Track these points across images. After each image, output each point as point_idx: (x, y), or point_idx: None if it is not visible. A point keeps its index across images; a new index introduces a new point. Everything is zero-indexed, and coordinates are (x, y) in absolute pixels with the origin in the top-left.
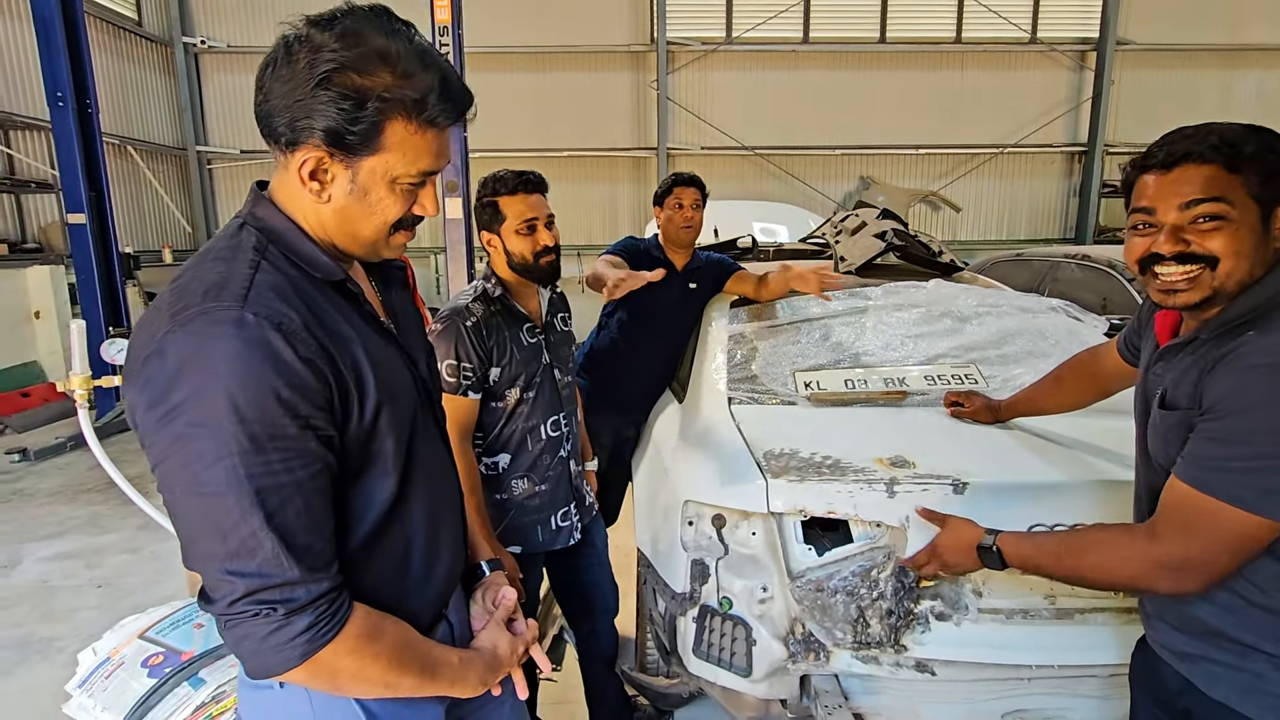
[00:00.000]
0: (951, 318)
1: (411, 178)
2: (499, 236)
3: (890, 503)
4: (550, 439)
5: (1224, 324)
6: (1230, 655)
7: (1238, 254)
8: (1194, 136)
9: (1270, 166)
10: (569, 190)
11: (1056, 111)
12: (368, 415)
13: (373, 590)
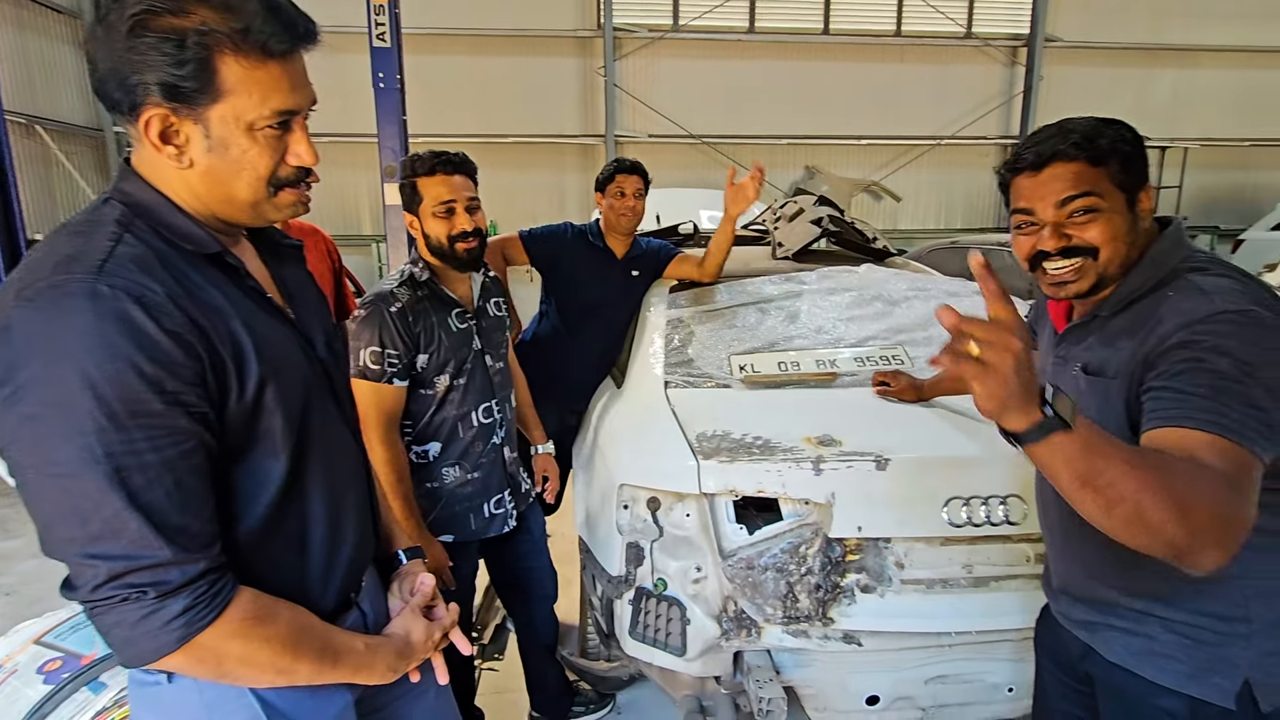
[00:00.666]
0: (882, 301)
1: (268, 119)
2: (418, 218)
3: (817, 480)
4: (482, 426)
5: (1122, 300)
6: (1126, 621)
7: (1114, 240)
8: (1057, 136)
9: (1127, 155)
10: (515, 178)
11: (990, 105)
12: (249, 392)
13: (270, 574)
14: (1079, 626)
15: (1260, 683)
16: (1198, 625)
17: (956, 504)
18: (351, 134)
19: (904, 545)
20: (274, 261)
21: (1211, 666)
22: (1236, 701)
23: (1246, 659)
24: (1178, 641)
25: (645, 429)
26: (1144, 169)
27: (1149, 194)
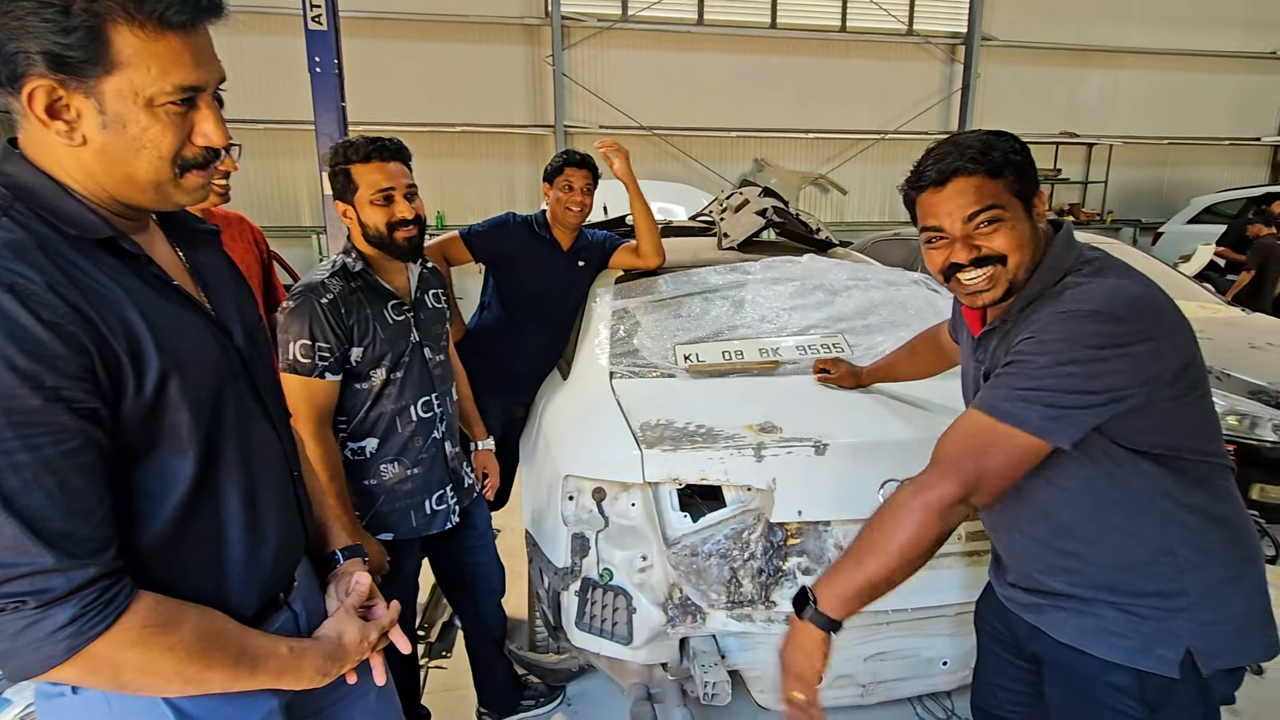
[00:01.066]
0: (823, 291)
1: (169, 95)
2: (353, 207)
3: (758, 466)
4: (422, 420)
5: (1022, 305)
6: (1074, 604)
7: (1020, 247)
8: (955, 153)
9: (1019, 165)
10: (463, 168)
11: (931, 101)
12: (148, 386)
13: (182, 577)
14: (1026, 610)
15: (1200, 650)
16: (1141, 604)
17: (892, 486)
18: (288, 121)
19: (843, 528)
20: (187, 248)
21: (1156, 640)
22: (1180, 670)
23: (1188, 630)
24: (1125, 619)
25: (590, 420)
26: (1035, 176)
27: (1042, 199)
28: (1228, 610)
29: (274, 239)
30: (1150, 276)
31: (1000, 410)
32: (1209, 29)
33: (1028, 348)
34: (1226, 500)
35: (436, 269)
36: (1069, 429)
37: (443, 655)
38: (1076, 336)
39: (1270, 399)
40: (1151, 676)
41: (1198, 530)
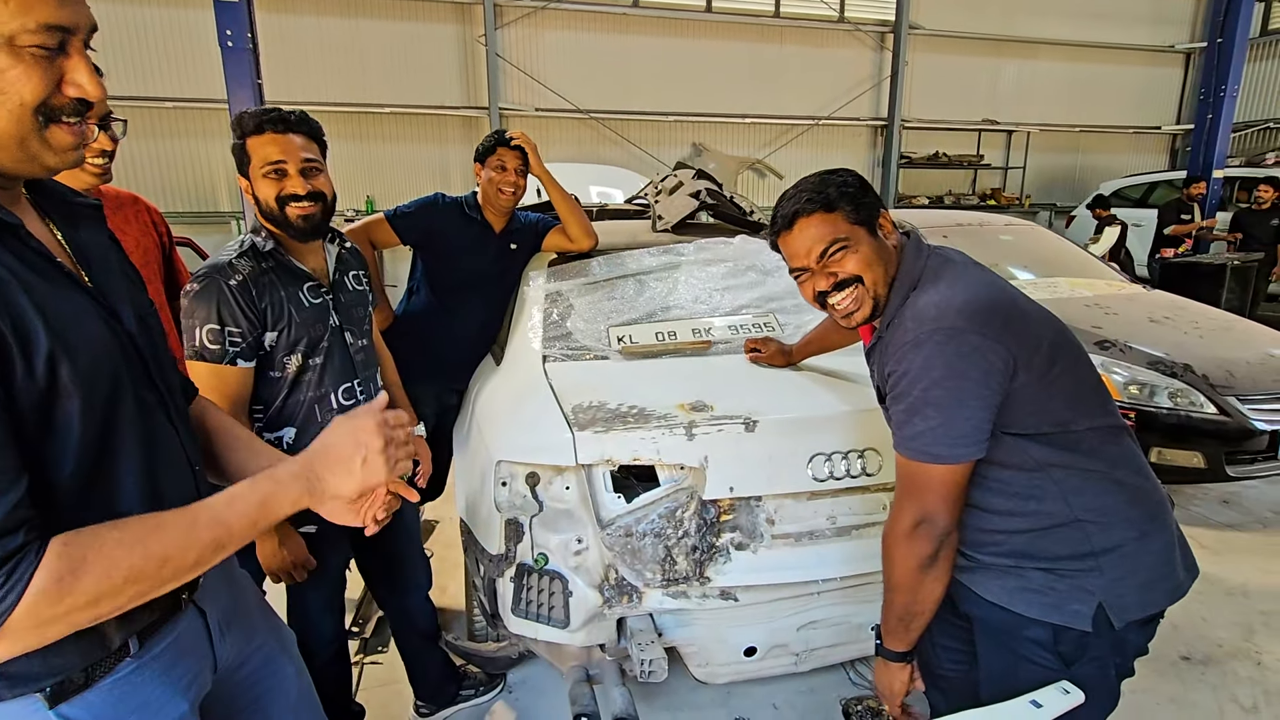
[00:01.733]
0: (755, 271)
1: (32, 34)
2: (248, 180)
3: (690, 445)
4: (344, 408)
5: (890, 318)
6: (1001, 567)
7: (870, 266)
8: (795, 198)
9: (853, 197)
10: (394, 150)
11: (862, 87)
12: (39, 368)
13: None
14: (960, 571)
15: (1111, 604)
16: (1058, 566)
17: (820, 460)
18: (202, 99)
19: (774, 502)
20: (65, 225)
21: (1071, 596)
22: (1093, 624)
23: (1099, 586)
24: (1043, 577)
25: (522, 404)
26: (874, 201)
27: (886, 217)
28: (1135, 566)
29: (190, 224)
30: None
31: (917, 453)
32: (1116, 23)
33: (899, 386)
34: (1124, 464)
35: (357, 250)
36: (977, 441)
37: (378, 650)
38: (929, 361)
39: (1166, 368)
40: (1066, 630)
41: (1098, 495)
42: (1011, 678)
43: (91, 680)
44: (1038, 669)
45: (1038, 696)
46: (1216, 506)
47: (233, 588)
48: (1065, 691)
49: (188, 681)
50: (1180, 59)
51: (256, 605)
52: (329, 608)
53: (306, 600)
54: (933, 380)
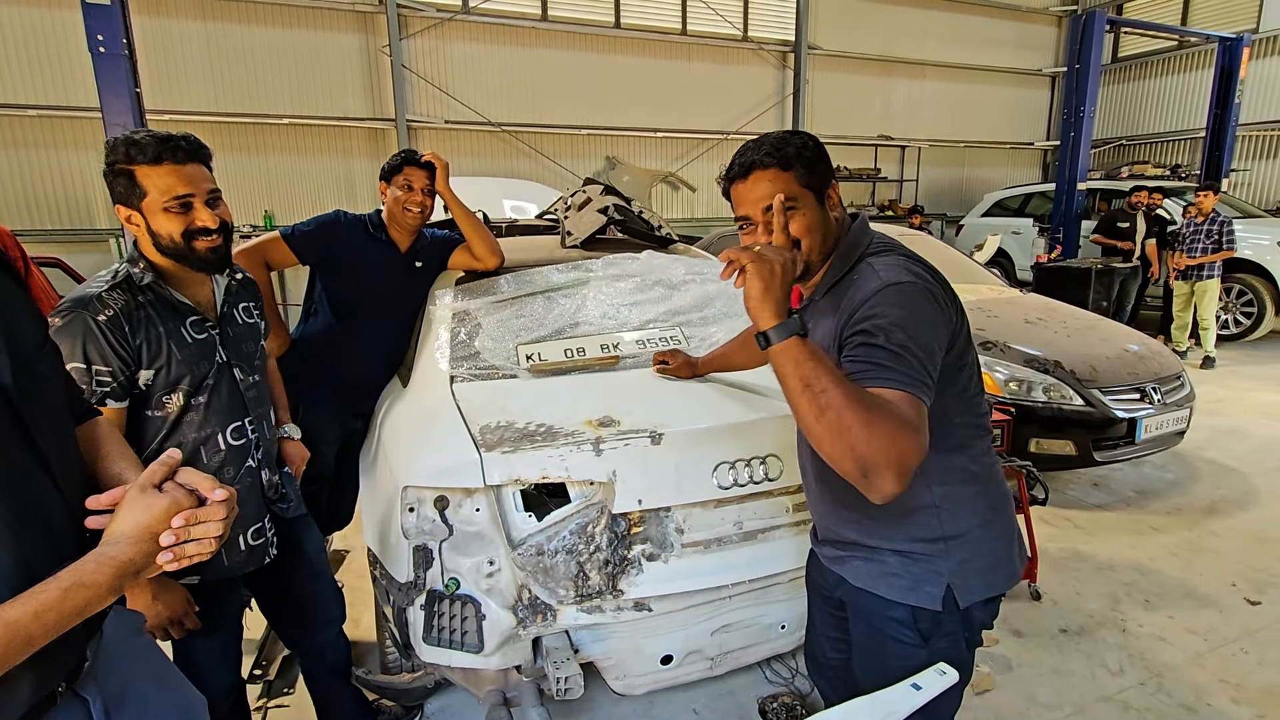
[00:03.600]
0: (663, 286)
1: None
2: (140, 214)
3: (598, 460)
4: (232, 449)
5: (827, 285)
6: (865, 553)
7: (811, 232)
8: (754, 149)
9: (809, 160)
10: (293, 163)
11: (768, 104)
12: None
13: None
14: (833, 561)
15: (958, 585)
16: (912, 549)
17: (724, 468)
18: (73, 107)
19: (682, 512)
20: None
21: (924, 579)
22: (943, 604)
23: (947, 568)
24: (900, 562)
25: (429, 427)
26: (827, 171)
27: (835, 190)
28: (979, 551)
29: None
30: (948, 265)
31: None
32: (990, 48)
33: (872, 326)
34: (980, 459)
35: (249, 279)
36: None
37: (284, 693)
38: (909, 299)
39: (1040, 365)
40: (921, 610)
41: (956, 486)
42: (881, 656)
43: None
44: (903, 646)
45: (917, 680)
46: (1088, 489)
47: (127, 662)
48: (942, 673)
49: None
50: (1047, 81)
51: (153, 677)
52: (224, 658)
53: (197, 653)
54: (901, 316)
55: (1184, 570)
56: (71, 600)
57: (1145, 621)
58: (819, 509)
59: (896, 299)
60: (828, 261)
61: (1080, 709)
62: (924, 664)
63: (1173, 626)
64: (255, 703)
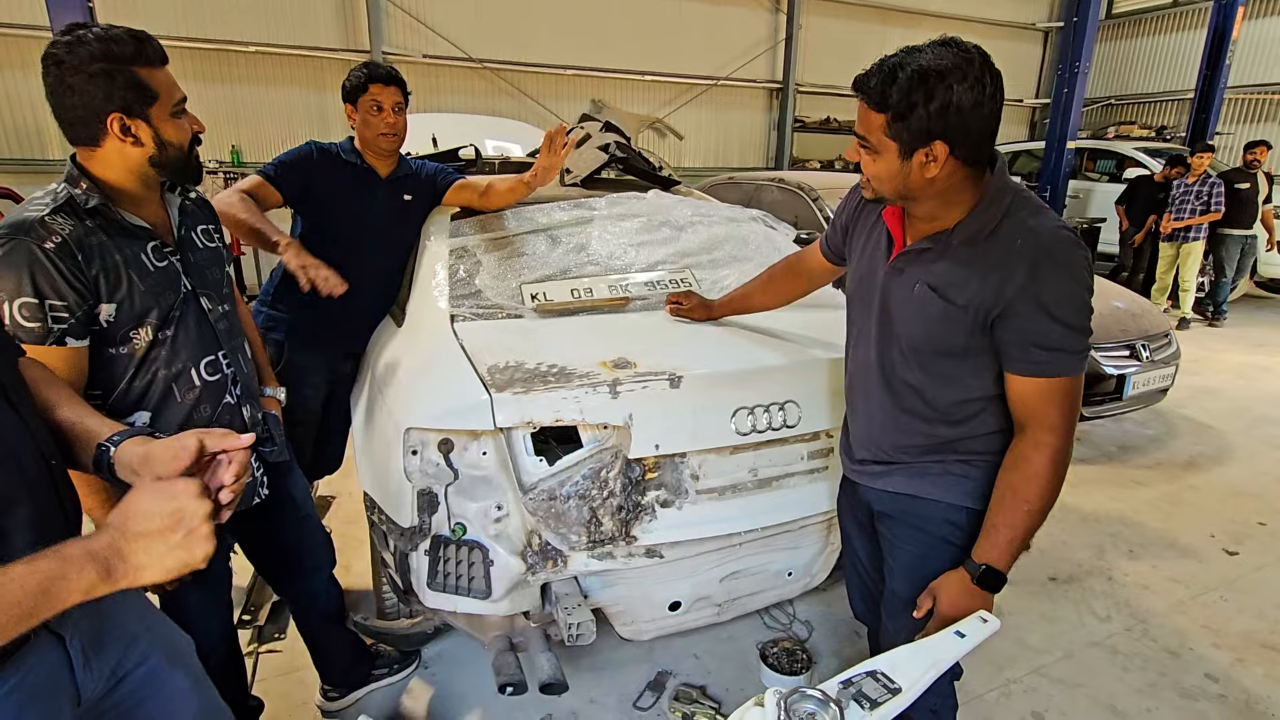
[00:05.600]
0: (669, 227)
1: None
2: (144, 122)
3: (614, 403)
4: (208, 384)
5: (968, 233)
6: (922, 463)
7: (879, 179)
8: (875, 69)
9: (904, 115)
10: (259, 94)
11: (759, 49)
12: None
13: None
14: (873, 477)
15: None
16: (977, 459)
17: (743, 413)
18: (17, 24)
19: (698, 458)
20: None
21: (983, 485)
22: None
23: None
24: (963, 469)
25: (432, 367)
26: (923, 131)
27: (933, 153)
28: None
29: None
30: None
31: (1079, 367)
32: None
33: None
34: None
35: (203, 199)
36: None
37: (275, 638)
38: (1080, 278)
39: None
40: (975, 512)
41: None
42: (924, 558)
43: None
44: (949, 547)
45: (960, 627)
46: None
47: (106, 603)
48: (984, 620)
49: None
50: (1040, 36)
51: (134, 613)
52: (213, 608)
53: (186, 604)
54: (1085, 296)
55: (1165, 522)
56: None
57: (1130, 570)
58: (876, 428)
59: (1074, 272)
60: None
61: (1070, 653)
62: None
63: (1156, 575)
64: (246, 648)
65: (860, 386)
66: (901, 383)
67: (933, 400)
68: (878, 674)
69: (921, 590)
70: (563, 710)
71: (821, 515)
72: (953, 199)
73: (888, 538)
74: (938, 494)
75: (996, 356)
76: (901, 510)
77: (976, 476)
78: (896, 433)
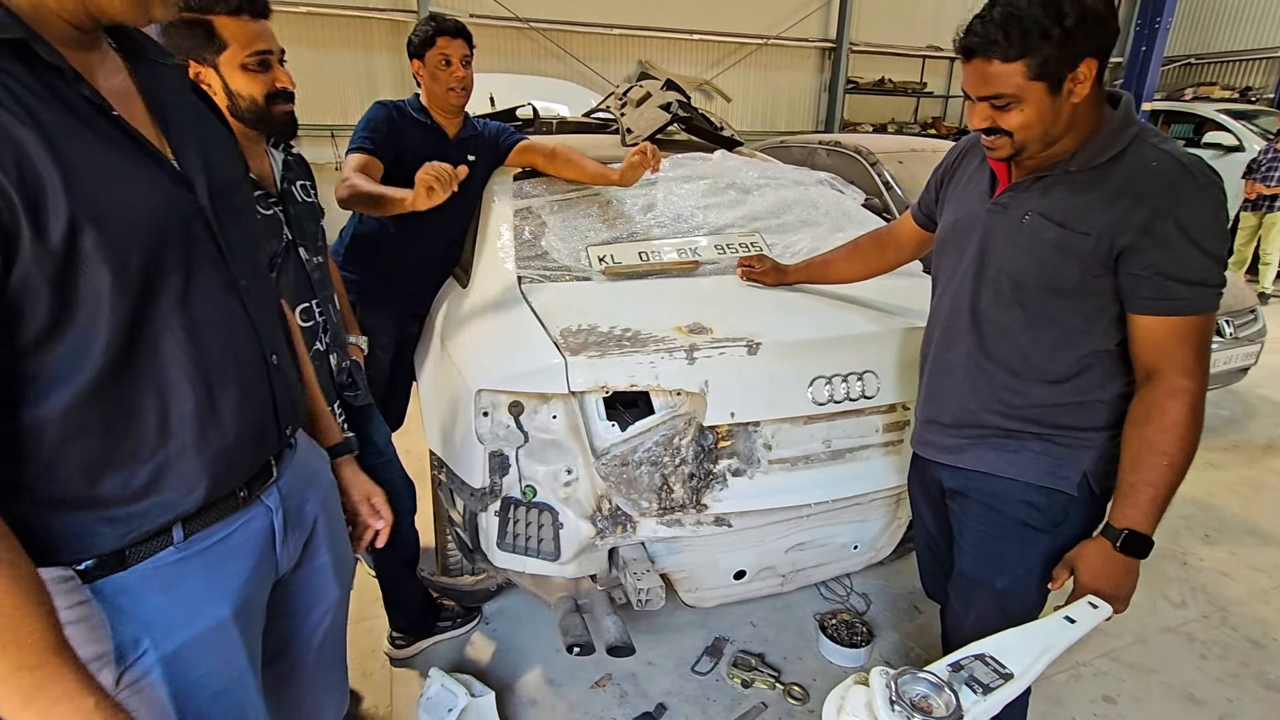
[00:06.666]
0: (735, 189)
1: None
2: (214, 70)
3: (690, 369)
4: (302, 329)
5: (1086, 162)
6: (998, 439)
7: (1027, 127)
8: (980, 28)
9: (1055, 42)
10: (312, 57)
11: (812, 7)
12: (54, 234)
13: (100, 458)
14: (948, 452)
15: (1092, 473)
16: (1060, 435)
17: (820, 383)
18: None
19: (773, 427)
20: (149, 82)
21: (1064, 464)
22: (1078, 489)
23: (1089, 458)
24: (1044, 447)
25: (501, 329)
26: (1072, 53)
27: (1086, 71)
28: (1115, 442)
29: None
30: None
31: (1212, 303)
32: None
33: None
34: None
35: (301, 157)
36: None
37: None
38: (1217, 211)
39: None
40: (1056, 494)
41: (1122, 389)
42: (999, 538)
43: (128, 562)
44: (1026, 529)
45: (1069, 612)
46: None
47: (316, 489)
48: (1094, 606)
49: (237, 584)
50: None
51: (337, 512)
52: None
53: None
54: (1225, 225)
55: (1244, 507)
56: None
57: (1206, 556)
58: (953, 383)
59: (1216, 195)
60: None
61: (1142, 638)
62: (1045, 552)
63: (1235, 562)
64: None
65: (942, 336)
66: (993, 325)
67: (1028, 348)
68: (986, 658)
69: (991, 572)
70: (622, 671)
71: (892, 489)
72: (1076, 127)
73: (958, 515)
74: (1015, 472)
75: (1112, 301)
76: (974, 488)
77: (1061, 455)
78: (977, 387)
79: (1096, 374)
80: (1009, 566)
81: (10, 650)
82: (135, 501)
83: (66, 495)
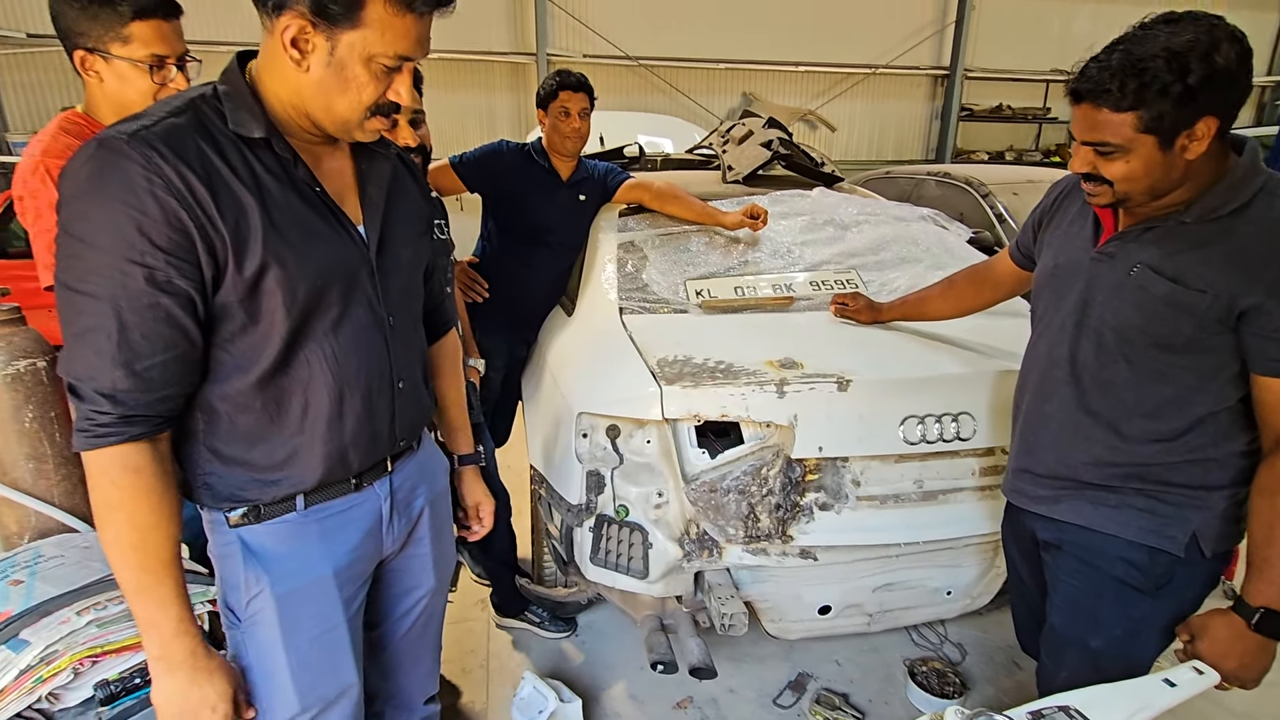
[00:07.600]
0: (834, 226)
1: (387, 59)
2: None
3: (780, 403)
4: None
5: (1205, 214)
6: (1097, 493)
7: (1130, 179)
8: (1095, 74)
9: (1174, 100)
10: (441, 98)
11: (924, 34)
12: (248, 269)
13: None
14: (1040, 502)
15: (1203, 534)
16: (1165, 492)
17: (912, 422)
18: None
19: (861, 464)
20: (364, 165)
21: (1170, 522)
22: (1185, 550)
23: (1199, 518)
24: (1147, 503)
25: (603, 356)
26: (1191, 112)
27: (1205, 129)
28: (1232, 502)
29: None
30: None
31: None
32: None
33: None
34: (1257, 440)
35: (439, 200)
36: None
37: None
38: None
39: None
40: (1160, 554)
41: (1235, 434)
42: (1095, 596)
43: (262, 518)
44: (1125, 588)
45: (1171, 675)
46: None
47: (431, 481)
48: (1199, 672)
49: (342, 552)
50: (1277, 2)
51: (446, 510)
52: None
53: None
54: None
55: None
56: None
57: None
58: (1055, 443)
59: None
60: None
61: (1252, 718)
62: (1147, 615)
63: None
64: None
65: (1039, 385)
66: (1094, 380)
67: (1134, 404)
68: (1071, 710)
69: (1085, 630)
70: (703, 695)
71: (987, 535)
72: (1193, 178)
73: (1051, 568)
74: (1114, 528)
75: (1232, 358)
76: (1068, 540)
77: (1167, 514)
78: (1074, 441)
79: (1210, 431)
80: (1104, 626)
81: (138, 554)
82: (274, 471)
83: (230, 453)
